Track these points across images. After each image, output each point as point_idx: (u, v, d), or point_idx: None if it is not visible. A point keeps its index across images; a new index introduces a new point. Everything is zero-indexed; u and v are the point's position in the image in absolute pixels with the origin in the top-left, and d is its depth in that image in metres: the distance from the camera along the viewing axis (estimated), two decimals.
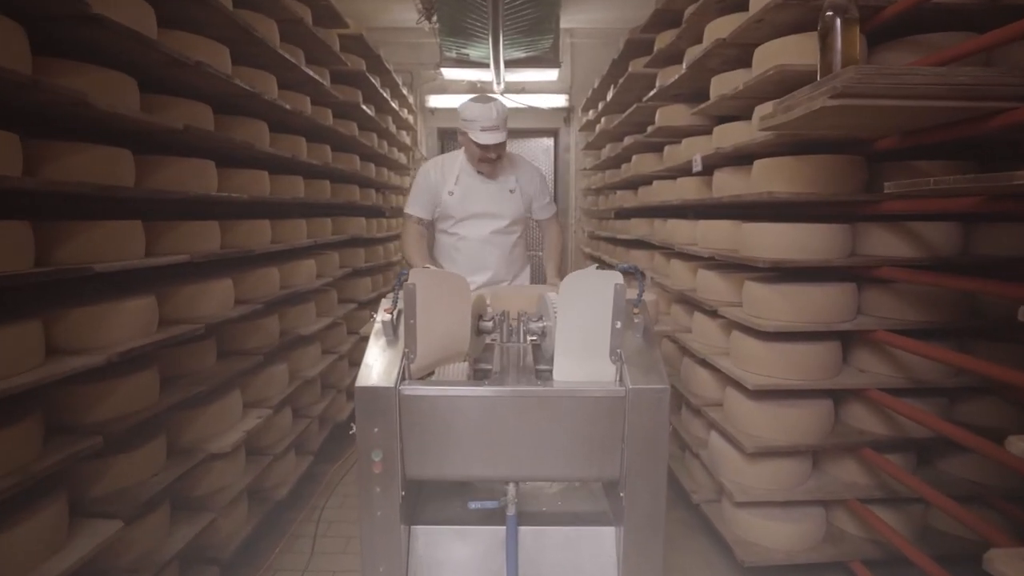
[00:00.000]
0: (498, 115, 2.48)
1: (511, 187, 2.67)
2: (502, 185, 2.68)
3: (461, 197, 2.65)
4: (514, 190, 2.67)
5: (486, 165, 2.59)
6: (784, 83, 2.32)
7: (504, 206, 2.67)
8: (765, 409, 2.37)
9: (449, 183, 2.66)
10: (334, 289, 3.99)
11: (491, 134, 2.47)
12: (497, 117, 2.47)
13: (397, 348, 1.73)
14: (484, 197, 2.65)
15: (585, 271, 1.80)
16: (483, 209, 2.66)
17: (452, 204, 2.66)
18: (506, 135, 2.51)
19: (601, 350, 1.63)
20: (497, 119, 2.47)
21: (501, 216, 2.68)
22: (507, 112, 2.54)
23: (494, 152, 2.54)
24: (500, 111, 2.49)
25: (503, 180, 2.68)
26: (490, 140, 2.47)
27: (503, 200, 2.67)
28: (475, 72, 6.36)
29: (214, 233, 2.50)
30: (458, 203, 2.65)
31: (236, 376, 2.59)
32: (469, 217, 2.67)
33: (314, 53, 3.64)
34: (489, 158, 2.54)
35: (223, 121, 2.63)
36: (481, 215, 2.66)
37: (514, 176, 2.70)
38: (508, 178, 2.69)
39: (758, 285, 2.39)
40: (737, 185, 2.74)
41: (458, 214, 2.67)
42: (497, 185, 2.68)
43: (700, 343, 2.93)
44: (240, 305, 2.65)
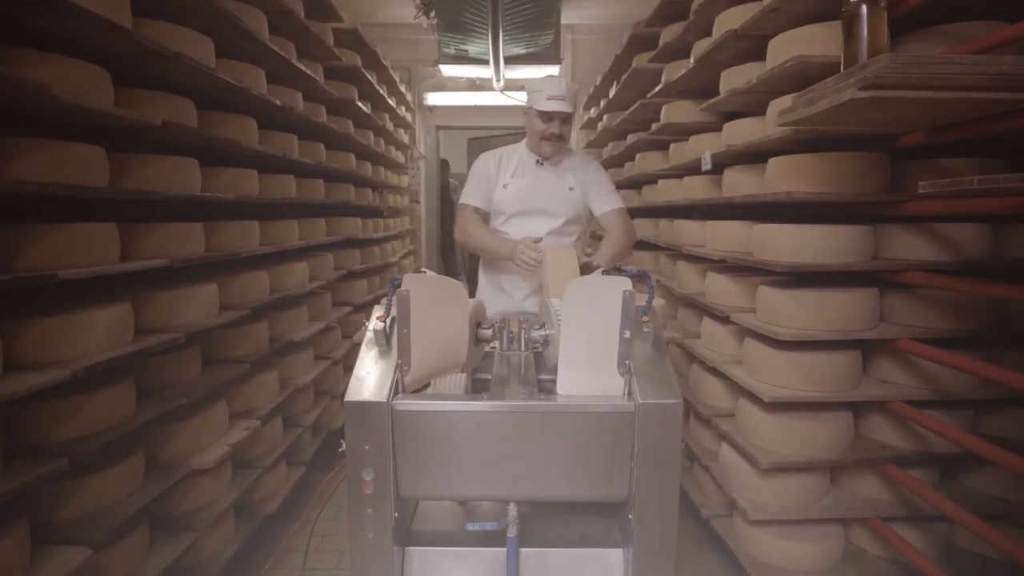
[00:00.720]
0: (567, 88, 2.31)
1: (570, 184, 2.42)
2: (560, 181, 2.43)
3: (516, 191, 2.42)
4: (573, 188, 2.41)
5: (548, 146, 2.37)
6: (802, 76, 2.18)
7: (561, 203, 2.42)
8: (781, 422, 2.23)
9: (505, 175, 2.44)
10: (328, 292, 3.85)
11: (557, 103, 2.28)
12: (566, 89, 2.30)
13: (390, 359, 1.63)
14: (540, 192, 2.41)
15: (591, 277, 1.68)
16: (538, 205, 2.41)
17: (505, 198, 2.43)
18: (572, 109, 2.32)
19: (608, 361, 1.53)
20: (566, 91, 2.30)
21: (557, 214, 2.41)
22: (575, 91, 2.35)
23: (558, 127, 2.32)
24: (570, 87, 2.33)
25: (562, 176, 2.44)
26: (555, 107, 2.28)
27: (560, 197, 2.41)
28: (474, 69, 6.23)
29: (197, 236, 2.36)
30: (512, 197, 2.42)
31: (221, 386, 2.45)
32: (521, 213, 2.42)
33: (306, 47, 3.50)
34: (552, 134, 2.33)
35: (207, 117, 2.49)
36: (535, 212, 2.41)
37: (571, 173, 2.45)
38: (566, 175, 2.44)
39: (774, 290, 2.26)
40: (749, 184, 2.60)
41: (509, 209, 2.43)
42: (555, 180, 2.43)
43: (710, 350, 2.79)
44: (226, 311, 2.51)
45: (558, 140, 2.35)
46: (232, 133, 2.56)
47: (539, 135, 2.37)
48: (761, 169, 2.50)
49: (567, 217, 2.41)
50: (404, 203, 6.63)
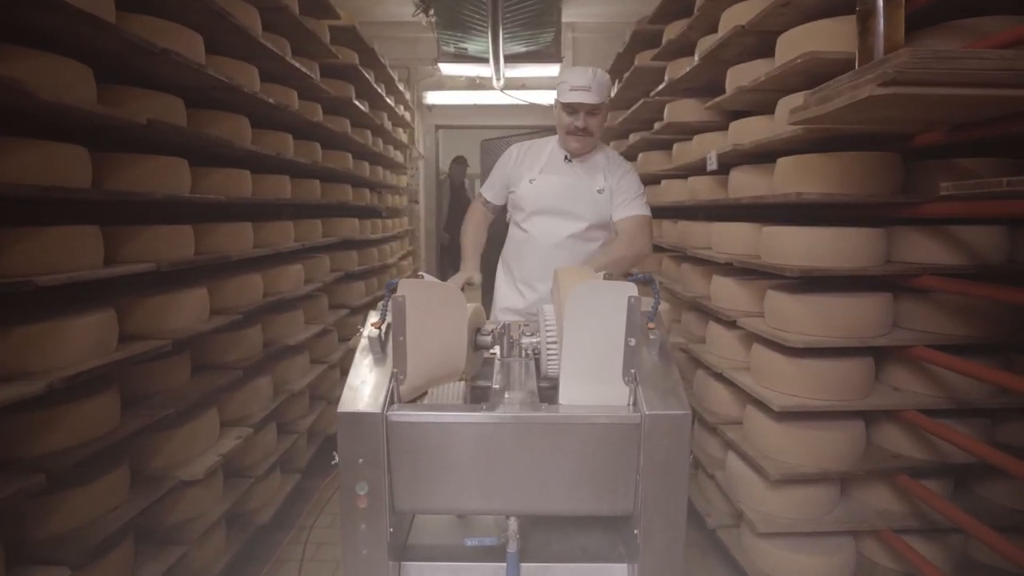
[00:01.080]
0: (593, 76, 2.10)
1: (600, 186, 2.22)
2: (590, 182, 2.23)
3: (541, 188, 2.24)
4: (603, 190, 2.21)
5: (573, 140, 2.20)
6: (813, 73, 2.11)
7: (587, 206, 2.22)
8: (791, 432, 2.16)
9: (532, 169, 2.27)
10: (324, 295, 3.77)
11: (579, 93, 2.09)
12: (592, 79, 2.09)
13: (385, 367, 1.57)
14: (566, 192, 2.23)
15: (594, 282, 1.60)
16: (562, 206, 2.23)
17: (528, 194, 2.25)
18: (600, 100, 2.11)
19: (612, 371, 1.47)
20: (591, 80, 2.09)
21: (581, 217, 2.22)
22: (608, 80, 2.15)
23: (582, 120, 2.14)
24: (598, 75, 2.12)
25: (593, 176, 2.24)
26: (576, 98, 2.10)
27: (587, 199, 2.22)
28: (474, 67, 6.16)
29: (186, 238, 2.28)
30: (536, 194, 2.24)
31: (212, 393, 2.37)
32: (543, 212, 2.24)
33: (302, 45, 3.42)
34: (576, 127, 2.16)
35: (198, 116, 2.41)
36: (558, 212, 2.23)
37: (603, 174, 2.25)
38: (596, 176, 2.24)
39: (783, 295, 2.18)
40: (757, 185, 2.53)
41: (531, 206, 2.26)
42: (585, 180, 2.23)
43: (716, 355, 2.71)
44: (217, 316, 2.43)
45: (583, 134, 2.17)
46: (224, 132, 2.49)
47: (564, 129, 2.22)
48: (769, 169, 2.42)
49: (591, 221, 2.23)
50: (403, 203, 6.55)
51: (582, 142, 2.20)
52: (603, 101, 2.13)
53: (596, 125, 2.18)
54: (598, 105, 2.12)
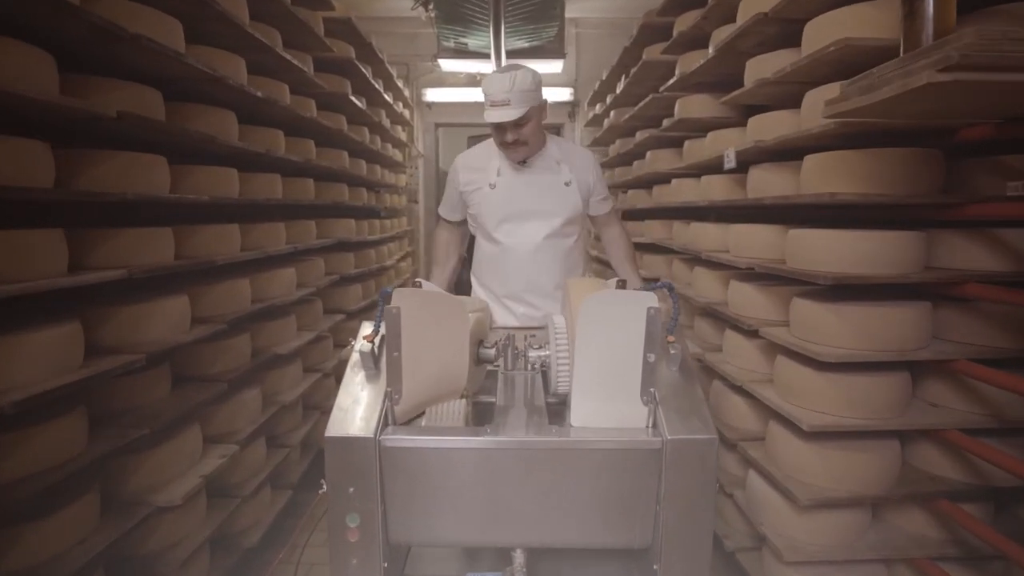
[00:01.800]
0: (511, 85, 1.88)
1: (566, 179, 2.07)
2: (554, 176, 2.09)
3: (502, 191, 2.07)
4: (570, 183, 2.07)
5: (512, 152, 2.04)
6: (846, 62, 1.94)
7: (557, 201, 2.08)
8: (821, 452, 1.98)
9: (491, 174, 2.09)
10: (318, 299, 3.60)
11: (497, 111, 1.90)
12: (509, 88, 1.88)
13: (378, 385, 1.45)
14: (531, 191, 2.08)
15: (608, 293, 1.44)
16: (530, 206, 2.07)
17: (493, 200, 2.08)
18: (523, 111, 1.90)
19: (629, 389, 1.34)
20: (507, 91, 1.88)
21: (553, 214, 2.07)
22: (530, 82, 1.91)
23: (511, 133, 1.96)
24: (517, 80, 1.89)
25: (555, 170, 2.09)
26: (495, 117, 1.91)
27: (556, 194, 2.08)
28: (474, 63, 5.99)
29: (164, 242, 2.11)
30: (498, 199, 2.08)
31: (194, 409, 2.20)
32: (511, 217, 2.08)
33: (294, 36, 3.25)
34: (505, 143, 1.99)
35: (179, 110, 2.24)
36: (527, 215, 2.07)
37: (567, 165, 2.10)
38: (559, 168, 2.09)
39: (812, 304, 2.01)
40: (779, 184, 2.35)
41: (496, 214, 2.09)
42: (548, 175, 2.09)
43: (734, 366, 2.54)
44: (200, 325, 2.26)
45: (516, 145, 2.00)
46: (207, 127, 2.31)
47: (497, 143, 2.06)
48: (794, 167, 2.25)
49: (564, 217, 2.08)
50: (402, 203, 6.38)
51: (517, 151, 2.03)
52: (527, 109, 1.91)
53: (529, 132, 1.97)
54: (522, 117, 1.91)
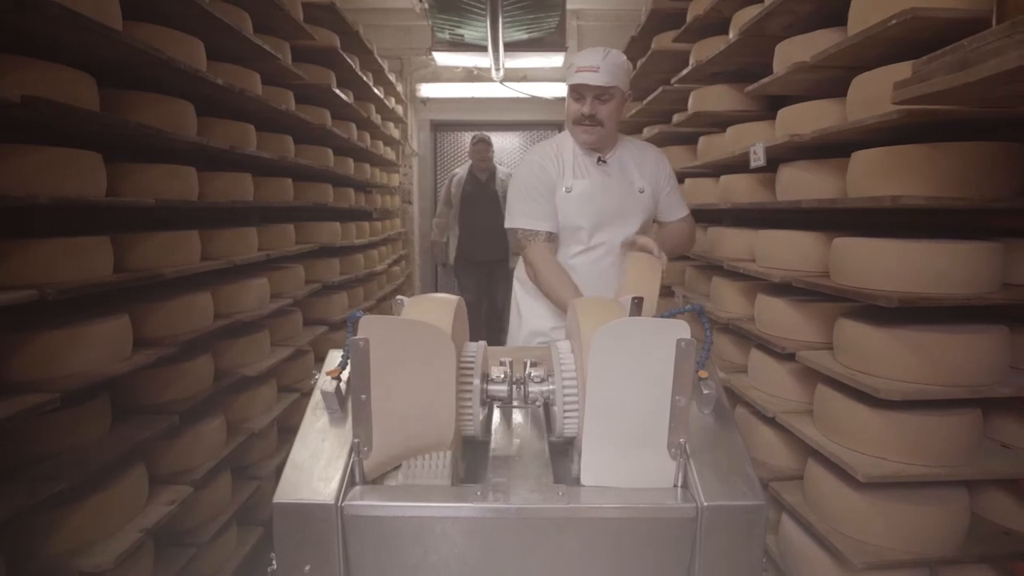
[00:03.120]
0: (604, 55, 1.76)
1: (640, 185, 1.90)
2: (629, 181, 1.90)
3: (579, 196, 1.86)
4: (644, 190, 1.90)
5: (581, 132, 1.85)
6: (907, 40, 1.62)
7: (633, 208, 1.89)
8: (877, 505, 1.66)
9: (566, 177, 1.87)
10: (298, 310, 3.27)
11: (585, 74, 1.75)
12: (602, 58, 1.75)
13: (343, 435, 1.21)
14: (610, 194, 1.88)
15: (627, 321, 1.17)
16: (612, 212, 1.88)
17: (571, 207, 1.86)
18: (611, 83, 1.75)
19: (653, 440, 1.10)
20: (600, 60, 1.75)
21: (630, 222, 1.89)
22: (623, 61, 1.80)
23: (588, 106, 1.79)
24: (610, 55, 1.78)
25: (628, 175, 1.91)
26: (581, 79, 1.76)
27: (632, 201, 1.89)
28: (471, 57, 5.68)
29: (99, 254, 1.79)
30: (581, 203, 1.86)
31: (137, 447, 1.88)
32: (590, 227, 1.88)
33: (268, 21, 2.93)
34: (583, 115, 1.81)
35: (118, 98, 1.92)
36: (604, 223, 1.88)
37: (638, 170, 1.92)
38: (631, 173, 1.91)
39: (866, 327, 1.68)
40: (818, 185, 2.03)
41: (585, 221, 1.87)
42: (623, 180, 1.90)
43: (763, 392, 2.22)
44: (146, 349, 1.94)
45: (591, 123, 1.82)
46: (155, 119, 1.98)
47: (571, 118, 1.88)
48: (836, 166, 1.94)
49: (639, 225, 1.91)
50: (395, 204, 6.06)
51: (591, 133, 1.84)
52: (615, 84, 1.77)
53: (607, 113, 1.80)
54: (607, 88, 1.76)
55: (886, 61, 1.71)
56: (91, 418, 1.82)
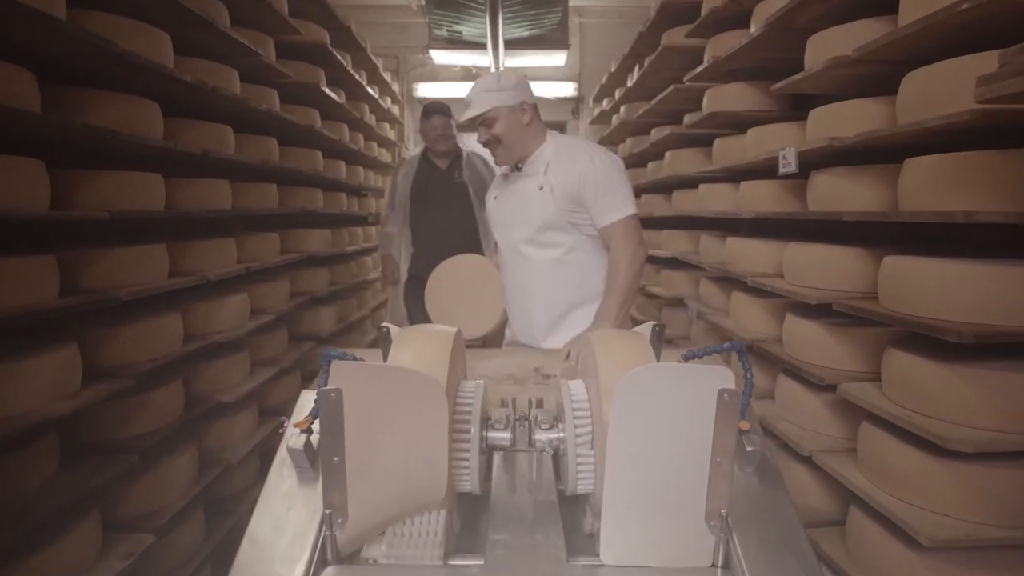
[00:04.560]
0: (474, 87, 1.90)
1: (540, 183, 1.86)
2: (531, 181, 1.89)
3: (496, 201, 2.01)
4: (544, 186, 1.85)
5: (493, 153, 1.96)
6: (976, 27, 1.39)
7: (530, 207, 1.87)
8: (944, 572, 1.43)
9: (496, 188, 2.06)
10: (283, 326, 3.04)
11: (466, 112, 1.89)
12: (473, 89, 1.90)
13: (314, 500, 1.03)
14: (511, 198, 1.95)
15: (658, 367, 0.97)
16: (509, 213, 1.94)
17: (491, 212, 2.03)
18: (482, 110, 1.84)
19: (687, 508, 0.93)
20: (472, 91, 1.89)
21: (528, 221, 1.87)
22: (494, 82, 1.88)
23: (480, 134, 1.90)
24: (480, 82, 1.92)
25: (534, 175, 1.90)
26: (460, 118, 1.95)
27: (530, 199, 1.88)
28: (469, 55, 5.47)
29: (43, 275, 1.55)
30: (491, 208, 2.02)
31: (89, 494, 1.65)
32: (498, 225, 2.00)
33: (248, 14, 2.69)
34: (482, 141, 1.94)
35: (66, 97, 1.69)
36: (507, 222, 1.95)
37: (548, 167, 1.87)
38: (538, 173, 1.89)
39: (927, 363, 1.45)
40: (864, 194, 1.80)
41: (492, 223, 2.03)
42: (527, 181, 1.90)
43: (795, 426, 1.99)
44: (98, 383, 1.70)
45: (492, 147, 1.91)
46: (112, 120, 1.75)
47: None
48: (883, 173, 1.71)
49: (540, 222, 1.85)
50: None
51: (499, 154, 1.92)
52: (487, 107, 1.83)
53: (501, 132, 1.85)
54: (483, 115, 1.84)
55: (946, 54, 1.49)
56: (34, 462, 1.59)
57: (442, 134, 3.17)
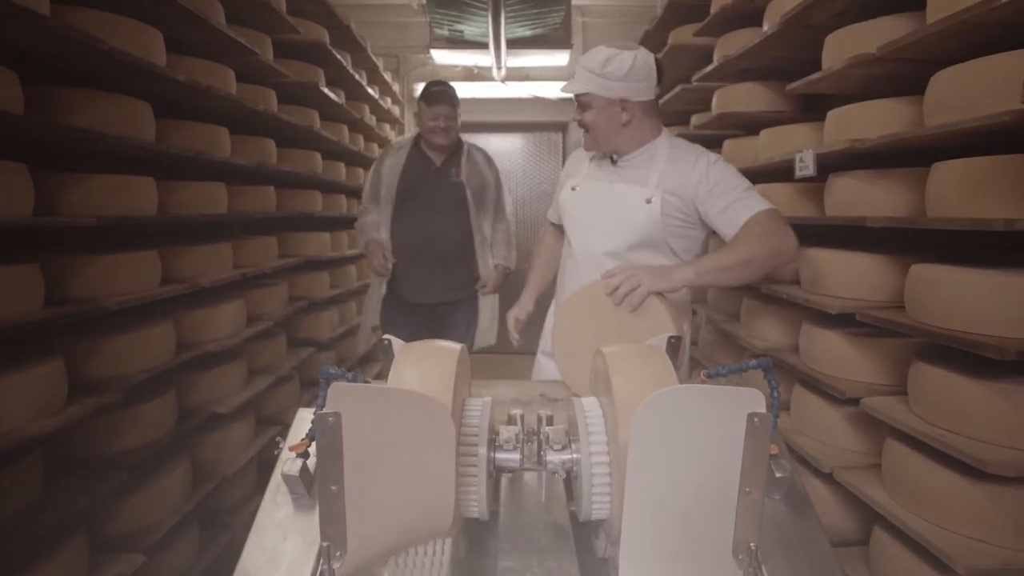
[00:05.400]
0: (582, 59, 1.68)
1: (647, 195, 1.67)
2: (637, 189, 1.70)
3: (580, 194, 1.78)
4: (651, 200, 1.66)
5: (584, 138, 1.75)
6: (1013, 23, 1.31)
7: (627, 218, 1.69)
8: None
9: (579, 174, 1.80)
10: (281, 332, 2.96)
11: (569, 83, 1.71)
12: (580, 60, 1.68)
13: (311, 529, 0.98)
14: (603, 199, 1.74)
15: (681, 389, 0.85)
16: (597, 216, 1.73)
17: (568, 203, 1.80)
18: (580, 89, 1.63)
19: (713, 544, 0.84)
20: (578, 65, 1.68)
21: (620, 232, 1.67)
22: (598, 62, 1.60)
23: (577, 111, 1.71)
24: (587, 55, 1.64)
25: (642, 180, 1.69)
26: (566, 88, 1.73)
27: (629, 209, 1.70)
28: (471, 55, 5.39)
29: (26, 284, 1.48)
30: (574, 201, 1.78)
31: (76, 513, 1.57)
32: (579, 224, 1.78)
33: (245, 12, 2.61)
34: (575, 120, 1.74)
35: (52, 96, 1.61)
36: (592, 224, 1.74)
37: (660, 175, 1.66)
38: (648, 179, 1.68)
39: (964, 380, 1.37)
40: (889, 199, 1.73)
41: (569, 218, 1.80)
42: (632, 188, 1.70)
43: (813, 440, 1.91)
44: (85, 397, 1.62)
45: (584, 130, 1.68)
46: (100, 121, 1.67)
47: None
48: (909, 176, 1.63)
49: (635, 239, 1.63)
50: None
51: (589, 140, 1.70)
52: (585, 91, 1.60)
53: (590, 119, 1.63)
54: (579, 96, 1.64)
55: (977, 52, 1.41)
56: (17, 481, 1.51)
57: (444, 127, 2.61)
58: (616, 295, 1.31)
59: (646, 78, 1.59)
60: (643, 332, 1.28)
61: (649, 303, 1.33)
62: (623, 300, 1.31)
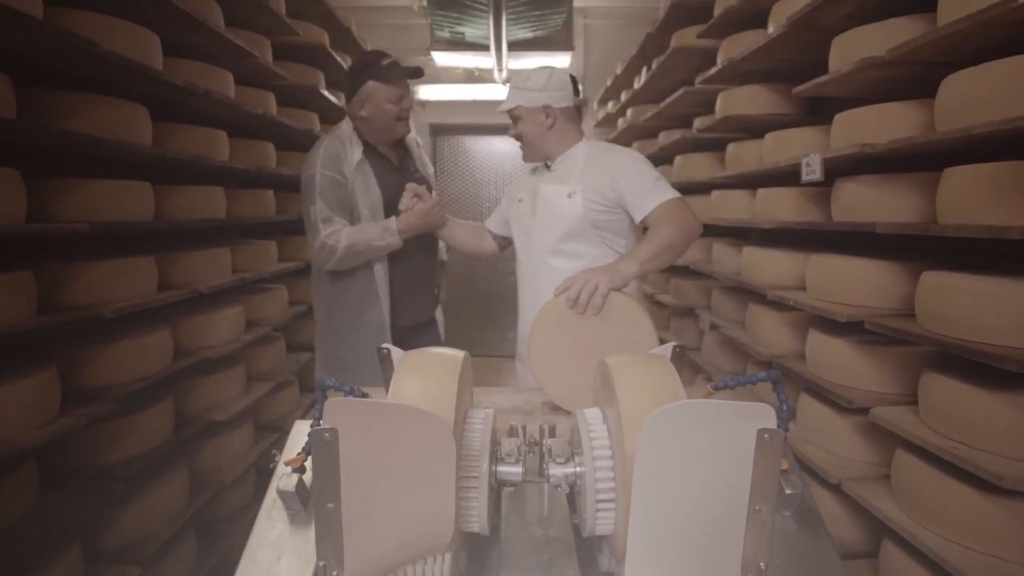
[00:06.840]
0: (511, 81, 1.88)
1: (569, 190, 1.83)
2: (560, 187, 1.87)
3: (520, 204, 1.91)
4: (573, 194, 1.82)
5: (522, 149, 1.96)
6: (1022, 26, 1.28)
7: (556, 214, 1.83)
8: None
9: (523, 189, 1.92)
10: (280, 337, 2.93)
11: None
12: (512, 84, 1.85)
13: (307, 547, 0.94)
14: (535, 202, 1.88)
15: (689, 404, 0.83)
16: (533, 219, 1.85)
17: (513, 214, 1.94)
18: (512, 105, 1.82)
19: (721, 563, 0.82)
20: (511, 83, 1.86)
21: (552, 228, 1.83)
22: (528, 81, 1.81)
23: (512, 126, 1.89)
24: (520, 74, 1.88)
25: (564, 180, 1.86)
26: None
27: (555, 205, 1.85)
28: (472, 57, 5.37)
29: (20, 292, 1.45)
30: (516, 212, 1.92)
31: (70, 525, 1.54)
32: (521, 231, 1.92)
33: (244, 14, 2.59)
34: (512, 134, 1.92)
35: (46, 101, 1.58)
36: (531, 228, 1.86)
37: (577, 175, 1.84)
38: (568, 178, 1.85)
39: (978, 392, 1.33)
40: (898, 205, 1.69)
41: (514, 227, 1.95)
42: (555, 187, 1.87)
43: (821, 450, 1.88)
44: (79, 407, 1.59)
45: (522, 141, 1.86)
46: (95, 126, 1.64)
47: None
48: (919, 182, 1.60)
49: (564, 230, 1.77)
50: None
51: (523, 152, 1.90)
52: (516, 105, 1.79)
53: (522, 131, 1.82)
54: (511, 111, 1.82)
55: (990, 55, 1.38)
56: (11, 493, 1.48)
57: (408, 110, 2.07)
58: (579, 305, 1.31)
59: (563, 87, 1.78)
60: (621, 330, 1.32)
61: (613, 301, 1.33)
62: (587, 307, 1.31)
